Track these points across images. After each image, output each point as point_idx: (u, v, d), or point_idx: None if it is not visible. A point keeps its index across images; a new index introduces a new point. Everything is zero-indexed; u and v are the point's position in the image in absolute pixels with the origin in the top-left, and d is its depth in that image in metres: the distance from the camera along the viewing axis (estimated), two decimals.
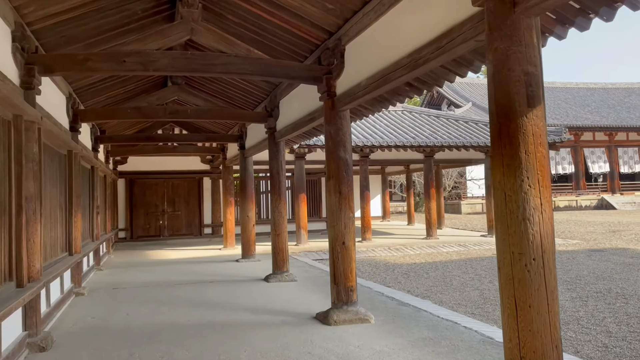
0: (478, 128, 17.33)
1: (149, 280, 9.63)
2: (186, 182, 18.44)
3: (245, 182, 11.85)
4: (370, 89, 5.10)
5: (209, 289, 8.55)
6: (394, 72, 4.58)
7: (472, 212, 35.10)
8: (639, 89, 47.68)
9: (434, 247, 15.00)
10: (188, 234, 18.27)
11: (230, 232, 14.85)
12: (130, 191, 17.80)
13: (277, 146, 9.13)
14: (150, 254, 14.28)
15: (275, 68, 5.93)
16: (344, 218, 6.00)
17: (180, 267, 11.31)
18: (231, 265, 11.35)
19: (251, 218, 11.97)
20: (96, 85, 8.81)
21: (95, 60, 5.38)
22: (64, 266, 7.07)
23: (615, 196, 38.03)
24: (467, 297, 8.08)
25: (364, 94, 5.27)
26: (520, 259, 2.99)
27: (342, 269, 5.98)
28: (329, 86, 6.07)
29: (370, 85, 5.10)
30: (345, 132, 6.08)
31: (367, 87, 5.17)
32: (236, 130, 12.62)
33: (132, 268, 11.41)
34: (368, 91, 5.15)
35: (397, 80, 4.63)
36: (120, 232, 17.55)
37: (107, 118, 8.61)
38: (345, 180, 6.02)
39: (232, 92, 10.08)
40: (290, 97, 8.28)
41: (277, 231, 9.06)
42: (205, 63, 5.69)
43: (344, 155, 6.04)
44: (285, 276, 9.00)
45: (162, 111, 8.65)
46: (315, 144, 14.20)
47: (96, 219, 11.07)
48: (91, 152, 10.78)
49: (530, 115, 3.00)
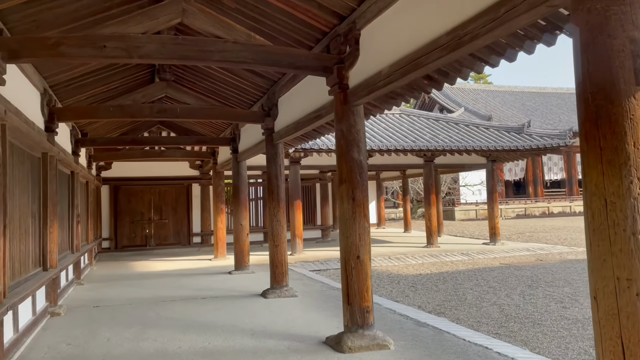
0: (479, 132, 16.68)
1: (133, 296, 8.75)
2: (174, 188, 17.55)
3: (239, 188, 11.03)
4: (394, 78, 4.35)
5: (201, 306, 7.70)
6: (428, 54, 3.84)
7: (465, 218, 34.55)
8: None
9: (437, 256, 14.28)
10: (176, 243, 17.36)
11: (222, 242, 14.00)
12: (114, 198, 16.87)
13: (275, 148, 8.34)
14: (136, 265, 13.37)
15: (279, 56, 5.16)
16: (359, 228, 5.23)
17: (168, 281, 10.44)
18: (224, 278, 10.50)
19: (245, 227, 11.15)
20: (76, 81, 7.97)
21: (69, 45, 4.57)
22: (36, 284, 6.21)
23: None
24: (486, 314, 7.33)
25: (385, 83, 4.52)
26: (630, 287, 2.24)
27: (357, 287, 5.19)
28: (340, 77, 5.31)
29: (394, 73, 4.35)
30: (359, 130, 5.32)
31: (390, 75, 4.41)
32: (228, 133, 11.81)
33: (115, 282, 10.52)
34: (391, 80, 4.40)
35: (431, 65, 3.90)
36: (104, 241, 16.60)
37: (87, 117, 7.78)
38: (359, 185, 5.26)
39: (226, 91, 9.28)
40: (291, 94, 7.51)
41: (276, 242, 8.26)
42: (199, 49, 4.90)
43: (358, 157, 5.28)
44: (284, 291, 8.19)
45: (149, 110, 7.82)
46: (311, 147, 13.43)
47: (76, 229, 10.18)
48: (71, 156, 9.91)
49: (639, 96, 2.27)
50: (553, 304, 7.78)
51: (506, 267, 11.74)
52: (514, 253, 14.61)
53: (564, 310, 7.30)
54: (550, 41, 4.36)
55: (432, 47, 3.78)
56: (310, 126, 6.65)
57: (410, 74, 4.13)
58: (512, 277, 10.24)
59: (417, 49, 3.99)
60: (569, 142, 15.94)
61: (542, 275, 10.31)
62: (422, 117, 17.72)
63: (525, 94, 46.33)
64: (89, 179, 12.65)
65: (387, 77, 4.44)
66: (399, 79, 4.31)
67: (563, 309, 7.39)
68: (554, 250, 15.04)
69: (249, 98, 9.14)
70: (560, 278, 9.93)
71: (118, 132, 12.78)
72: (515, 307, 7.65)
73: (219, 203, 13.97)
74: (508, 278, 10.20)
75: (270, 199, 8.29)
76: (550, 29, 4.24)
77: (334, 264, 13.11)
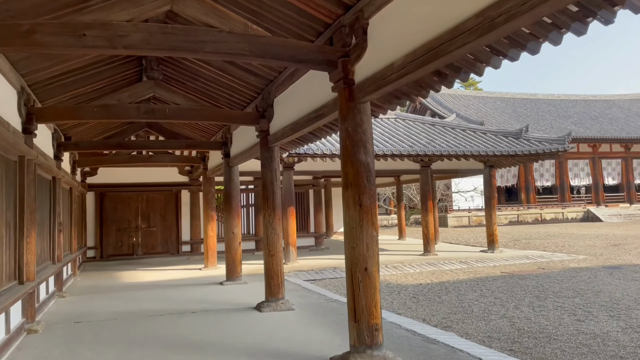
0: (476, 136, 16.32)
1: (119, 309, 8.19)
2: (162, 195, 16.96)
3: (231, 194, 10.52)
4: (409, 69, 3.89)
5: (192, 321, 7.16)
6: (452, 41, 3.39)
7: (458, 225, 34.25)
8: (618, 101, 47.85)
9: (435, 265, 13.83)
10: (164, 252, 16.75)
11: (212, 250, 13.45)
12: (100, 205, 16.24)
13: (270, 152, 7.85)
14: (122, 275, 12.76)
15: (279, 48, 4.68)
16: (366, 237, 4.75)
17: (156, 293, 9.87)
18: (215, 290, 9.95)
19: (237, 235, 10.62)
20: (57, 80, 7.44)
21: (45, 33, 4.06)
22: (10, 299, 5.64)
23: (600, 208, 37.66)
24: (496, 328, 6.87)
25: (398, 77, 4.06)
26: None
27: (365, 303, 4.71)
28: (345, 72, 4.85)
29: (409, 64, 3.89)
30: (366, 130, 4.86)
31: (404, 67, 3.96)
32: (219, 137, 11.30)
33: (100, 294, 9.93)
34: (406, 72, 3.94)
35: (455, 53, 3.46)
36: (88, 250, 15.95)
37: (69, 118, 7.24)
38: (367, 190, 4.79)
39: (217, 91, 8.79)
40: (289, 93, 7.03)
41: (272, 251, 7.75)
42: (191, 39, 4.41)
43: (365, 159, 4.81)
44: (280, 304, 7.67)
45: (135, 110, 7.29)
46: (305, 152, 12.95)
47: (58, 238, 9.60)
48: (53, 160, 9.34)
49: None
50: (566, 316, 7.34)
51: (509, 276, 11.31)
52: (513, 261, 14.21)
53: (579, 324, 6.86)
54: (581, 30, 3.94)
55: (457, 32, 3.33)
56: (309, 127, 6.18)
57: (429, 64, 3.68)
58: (518, 287, 9.81)
59: (438, 35, 3.53)
60: (568, 148, 15.62)
61: (548, 285, 9.89)
62: (417, 122, 17.33)
63: (517, 100, 46.30)
64: (72, 185, 12.06)
65: (401, 69, 3.98)
66: (414, 71, 3.85)
67: (578, 322, 6.95)
68: (554, 257, 14.65)
69: (242, 99, 8.65)
70: (567, 288, 9.51)
71: (103, 136, 12.20)
72: (527, 320, 7.20)
73: (210, 210, 13.44)
74: (513, 288, 9.76)
75: (265, 205, 7.78)
76: (583, 16, 3.83)
77: (330, 274, 12.61)
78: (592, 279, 10.36)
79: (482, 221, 35.09)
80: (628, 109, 45.80)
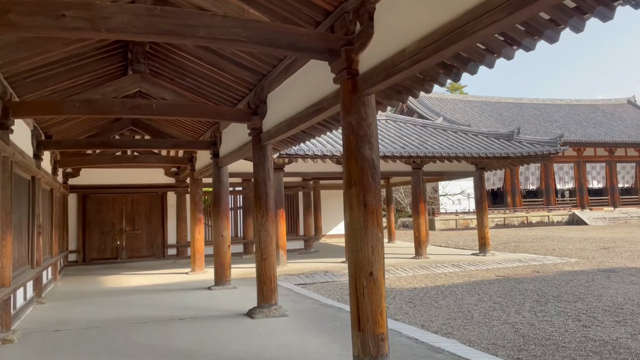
0: (468, 138, 16.11)
1: (101, 316, 7.74)
2: (148, 197, 16.45)
3: (220, 195, 10.12)
4: (424, 55, 3.57)
5: (179, 329, 6.75)
6: (478, 19, 3.07)
7: (445, 228, 34.13)
8: (602, 106, 48.31)
9: (427, 268, 13.54)
10: (149, 255, 16.23)
11: (199, 254, 13.01)
12: (83, 207, 15.69)
13: (263, 151, 7.49)
14: (105, 280, 12.26)
15: (278, 35, 4.33)
16: (371, 239, 4.41)
17: (141, 298, 9.42)
18: (203, 295, 9.53)
19: (226, 238, 10.22)
20: (36, 73, 7.00)
21: (19, 12, 3.66)
22: None
23: (585, 212, 37.86)
24: (499, 334, 6.57)
25: (411, 63, 3.73)
26: None
27: (370, 310, 4.36)
28: (349, 61, 4.51)
29: (424, 49, 3.57)
30: (371, 124, 4.52)
31: (418, 52, 3.64)
32: (208, 136, 10.91)
33: (81, 299, 9.45)
34: (420, 58, 3.62)
35: (480, 34, 3.14)
36: (70, 254, 15.38)
37: (49, 113, 6.80)
38: (372, 189, 4.45)
39: (207, 87, 8.41)
40: (284, 88, 6.68)
41: (264, 254, 7.37)
42: (182, 23, 4.05)
43: (370, 155, 4.47)
44: (273, 310, 7.30)
45: (120, 106, 6.88)
46: (296, 153, 12.60)
47: (37, 241, 9.11)
48: (32, 159, 8.87)
49: None
50: (570, 322, 7.07)
51: (505, 280, 11.06)
52: (506, 264, 13.99)
53: (586, 330, 6.60)
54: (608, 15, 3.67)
55: (484, 9, 3.01)
56: (307, 123, 5.83)
57: (448, 48, 3.36)
58: (516, 291, 9.55)
59: (460, 14, 3.21)
60: (559, 150, 15.49)
61: (546, 289, 9.64)
62: (409, 123, 17.09)
63: (502, 104, 46.49)
64: (53, 186, 11.56)
65: (415, 54, 3.66)
66: (430, 57, 3.53)
67: (584, 328, 6.68)
68: (547, 261, 14.47)
69: (234, 96, 8.28)
70: (567, 292, 9.27)
71: (86, 135, 11.72)
72: (530, 327, 6.92)
73: (197, 212, 13.01)
74: (511, 292, 9.50)
75: (257, 206, 7.41)
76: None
77: (321, 277, 12.25)
78: (590, 283, 10.14)
79: (469, 224, 35.06)
80: (611, 114, 46.25)
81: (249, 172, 13.93)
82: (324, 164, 14.63)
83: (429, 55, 3.53)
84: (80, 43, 6.65)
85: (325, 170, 15.18)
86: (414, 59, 3.68)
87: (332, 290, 10.47)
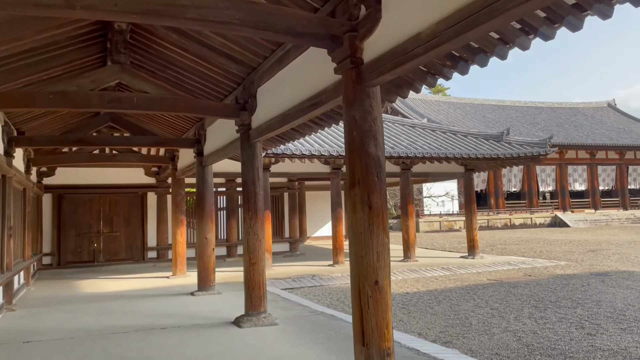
0: (457, 139, 15.85)
1: (76, 325, 7.20)
2: (127, 197, 15.83)
3: (204, 196, 9.64)
4: (444, 38, 3.18)
5: (162, 340, 6.26)
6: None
7: (429, 230, 33.96)
8: (583, 109, 48.82)
9: (417, 272, 13.21)
10: (128, 258, 15.61)
11: (181, 257, 12.49)
12: (58, 208, 15.01)
13: (252, 148, 7.05)
14: (82, 284, 11.66)
15: (275, 18, 3.91)
16: (377, 244, 4.00)
17: (120, 305, 8.88)
18: (186, 301, 9.03)
19: (210, 240, 9.74)
20: (4, 63, 6.41)
21: None
22: None
23: (567, 214, 38.09)
24: (502, 344, 6.23)
25: (427, 49, 3.34)
26: None
27: (375, 323, 3.96)
28: (353, 49, 4.11)
29: (444, 32, 3.17)
30: (377, 118, 4.12)
31: (436, 36, 3.25)
32: (192, 134, 10.41)
33: (55, 306, 8.88)
34: (439, 42, 3.23)
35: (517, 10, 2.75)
36: (44, 257, 14.69)
37: (20, 105, 6.26)
38: (377, 189, 4.05)
39: (192, 82, 7.93)
40: (276, 81, 6.24)
41: (253, 259, 6.93)
42: (169, 3, 3.60)
43: (376, 152, 4.07)
44: (262, 319, 6.85)
45: (98, 99, 6.37)
46: (284, 152, 12.15)
47: (8, 244, 8.54)
48: (2, 157, 8.29)
49: None
50: (574, 329, 6.77)
51: (498, 284, 10.77)
52: (496, 267, 13.74)
53: (592, 339, 6.29)
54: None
55: None
56: (303, 118, 5.40)
57: (474, 29, 2.98)
58: (512, 296, 9.24)
59: None
60: (549, 151, 15.31)
61: (542, 294, 9.36)
62: (397, 124, 16.77)
63: (485, 106, 46.67)
64: (27, 185, 10.94)
65: (432, 38, 3.26)
66: (451, 40, 3.14)
67: (590, 337, 6.37)
68: (536, 264, 14.26)
69: (220, 90, 7.81)
70: (564, 297, 8.99)
71: (62, 131, 11.11)
72: (533, 335, 6.59)
73: (179, 214, 12.48)
74: (507, 297, 9.19)
75: (246, 207, 6.96)
76: None
77: (308, 281, 11.83)
78: (586, 287, 9.90)
79: (452, 226, 34.98)
80: (592, 117, 46.75)
81: (233, 172, 13.58)
82: (310, 164, 14.22)
83: (449, 39, 3.15)
84: (55, 30, 6.13)
85: (312, 171, 14.76)
86: (431, 43, 3.29)
87: (321, 295, 10.06)
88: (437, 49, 3.28)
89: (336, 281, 11.91)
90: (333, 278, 12.27)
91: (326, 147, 12.91)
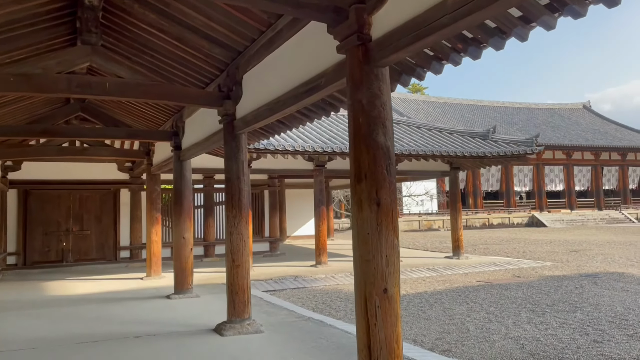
0: (443, 136, 15.50)
1: (40, 334, 6.53)
2: (98, 194, 15.05)
3: (182, 192, 9.02)
4: (481, 3, 2.69)
5: (135, 351, 5.65)
6: None
7: (409, 229, 33.73)
8: (559, 110, 49.34)
9: (403, 272, 12.77)
10: (99, 258, 14.83)
11: (156, 257, 11.81)
12: (24, 205, 14.14)
13: (236, 141, 6.48)
14: (48, 286, 10.90)
15: None
16: (386, 247, 3.50)
17: (90, 309, 8.21)
18: (162, 305, 8.40)
19: (188, 240, 9.13)
20: None
21: None
22: None
23: (544, 214, 38.35)
24: (505, 353, 5.80)
25: (455, 18, 2.85)
26: None
27: (384, 337, 3.45)
28: (360, 24, 3.60)
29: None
30: (386, 103, 3.63)
31: (468, 1, 2.75)
32: (169, 126, 9.77)
33: (17, 311, 8.16)
34: (472, 8, 2.74)
35: None
36: (9, 257, 13.81)
37: None
38: (386, 183, 3.55)
39: (171, 68, 7.32)
40: (265, 67, 5.69)
41: (236, 261, 6.35)
42: None
43: (385, 141, 3.58)
44: (247, 326, 6.29)
45: (66, 82, 5.71)
46: (266, 147, 11.58)
47: None
48: None
49: None
50: (578, 335, 6.39)
51: (489, 286, 10.40)
52: (483, 268, 13.42)
53: (599, 346, 5.91)
54: None
55: None
56: (297, 105, 4.86)
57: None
58: (505, 300, 8.87)
59: None
60: (535, 150, 15.07)
61: (537, 297, 9.01)
62: None
63: (464, 106, 46.79)
64: None
65: (463, 5, 2.77)
66: (488, 5, 2.65)
67: (596, 344, 5.99)
68: (523, 264, 14.00)
69: (202, 78, 7.21)
70: (560, 300, 8.65)
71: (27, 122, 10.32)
72: (536, 342, 6.19)
73: (154, 211, 11.80)
74: (501, 300, 8.81)
75: (229, 205, 6.39)
76: None
77: (291, 283, 11.30)
78: (580, 290, 9.59)
79: (432, 225, 34.86)
80: (568, 118, 47.27)
81: (211, 167, 12.94)
82: (293, 160, 13.70)
83: (486, 5, 2.65)
84: (16, 6, 5.48)
85: (294, 167, 14.21)
86: (460, 11, 2.79)
87: (306, 299, 9.54)
88: (469, 17, 2.78)
89: (320, 283, 11.40)
90: (317, 279, 11.75)
91: (310, 142, 12.38)
